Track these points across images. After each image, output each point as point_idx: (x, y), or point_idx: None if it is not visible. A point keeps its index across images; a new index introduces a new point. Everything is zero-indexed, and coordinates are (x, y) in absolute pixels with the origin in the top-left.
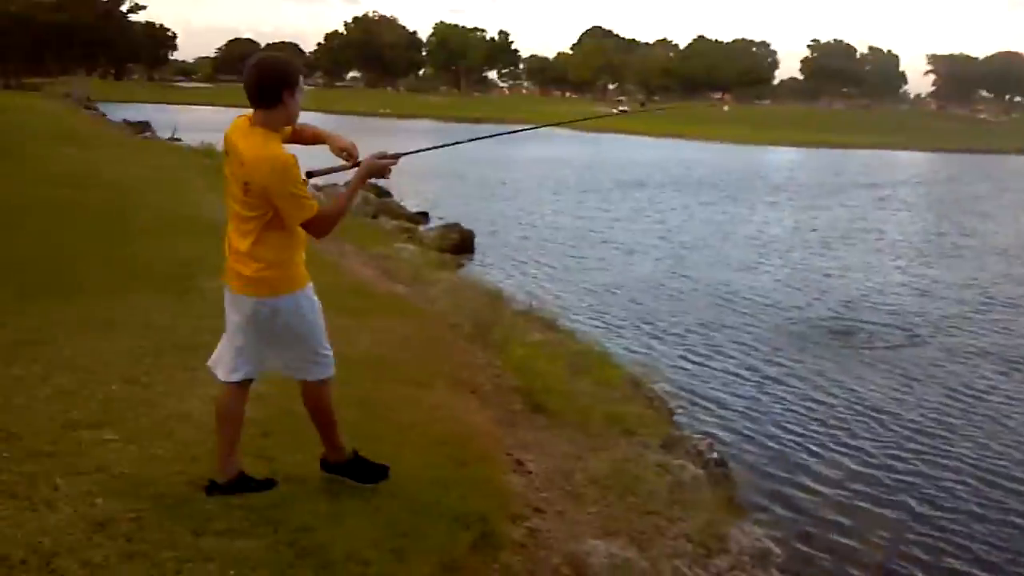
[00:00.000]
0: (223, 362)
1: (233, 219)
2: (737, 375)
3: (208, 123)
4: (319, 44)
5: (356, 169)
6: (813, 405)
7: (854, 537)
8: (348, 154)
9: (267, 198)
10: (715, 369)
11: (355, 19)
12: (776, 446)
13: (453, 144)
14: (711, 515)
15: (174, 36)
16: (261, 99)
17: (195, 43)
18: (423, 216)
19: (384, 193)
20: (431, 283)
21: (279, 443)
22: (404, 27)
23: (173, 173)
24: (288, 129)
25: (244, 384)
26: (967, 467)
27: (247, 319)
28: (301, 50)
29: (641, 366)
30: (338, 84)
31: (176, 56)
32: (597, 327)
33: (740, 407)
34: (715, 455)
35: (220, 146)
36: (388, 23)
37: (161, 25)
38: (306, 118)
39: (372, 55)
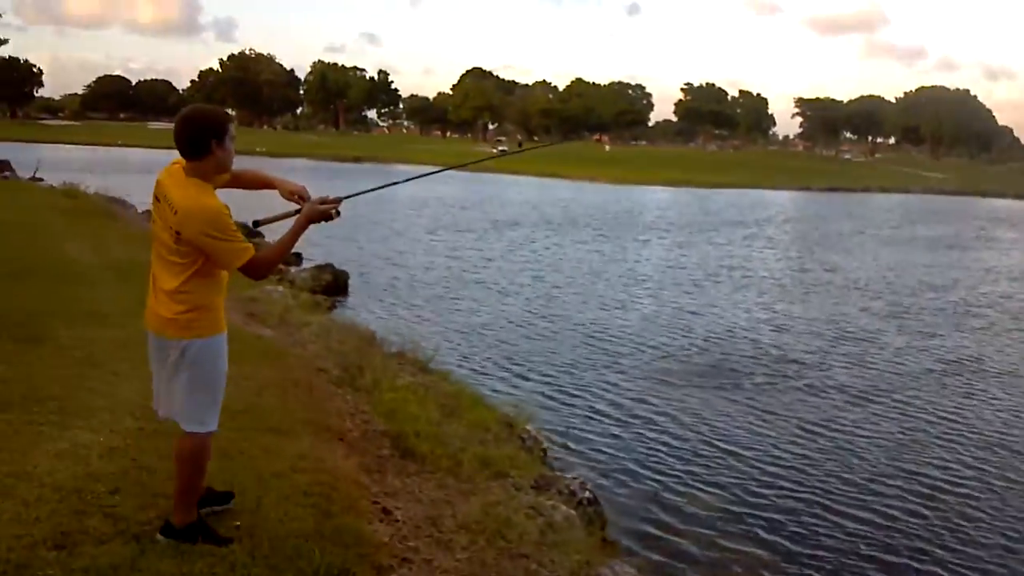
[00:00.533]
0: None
1: (159, 262)
2: (608, 414)
3: (74, 162)
4: (193, 81)
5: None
6: (681, 442)
7: (721, 571)
8: (299, 197)
9: (198, 247)
10: (587, 408)
11: (231, 56)
12: (646, 483)
13: (392, 184)
14: (583, 556)
15: (40, 72)
16: (191, 150)
17: (62, 80)
18: (295, 257)
19: (254, 233)
20: (300, 325)
21: (129, 500)
22: (281, 65)
23: (31, 215)
24: (226, 176)
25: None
26: (823, 499)
27: (163, 358)
28: (174, 87)
29: (514, 407)
30: None
31: (42, 93)
32: (470, 368)
33: (611, 445)
34: (587, 494)
35: (85, 186)
36: (265, 61)
37: (25, 60)
38: (174, 155)
39: (248, 93)
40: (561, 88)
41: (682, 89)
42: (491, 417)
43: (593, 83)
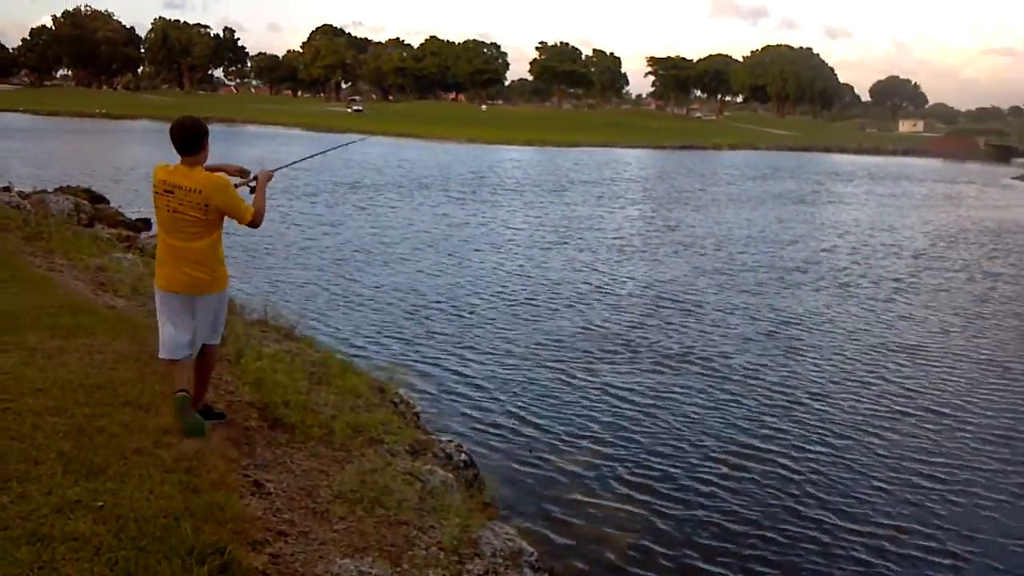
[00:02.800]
0: (184, 344)
1: (182, 237)
2: (478, 375)
3: None
4: (24, 40)
5: (256, 181)
6: (550, 402)
7: (600, 526)
8: (242, 173)
9: (223, 210)
10: (457, 371)
11: (64, 13)
12: (519, 443)
13: (326, 152)
14: (463, 520)
15: None
16: (192, 147)
17: None
18: (145, 223)
19: (99, 199)
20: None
21: None
22: (120, 22)
23: None
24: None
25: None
26: (669, 455)
27: (200, 309)
28: (3, 45)
29: (384, 371)
30: (47, 83)
31: None
32: (336, 335)
33: (482, 407)
34: (463, 457)
35: None
36: (102, 18)
37: None
38: (14, 119)
39: (85, 52)
40: (415, 46)
41: (536, 48)
42: (361, 383)
43: (448, 41)
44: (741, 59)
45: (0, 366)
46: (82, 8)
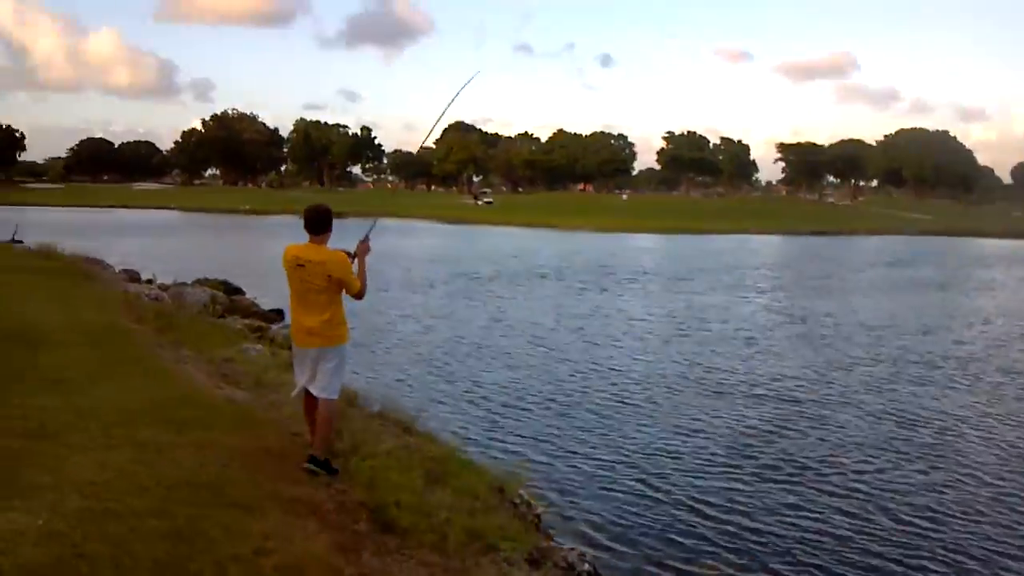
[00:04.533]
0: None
1: (307, 304)
2: (602, 477)
3: (56, 224)
4: (176, 142)
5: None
6: (679, 507)
7: None
8: (347, 254)
9: (341, 282)
10: (580, 470)
11: (213, 116)
12: (648, 551)
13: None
14: None
15: (21, 136)
16: (321, 228)
17: (44, 143)
18: (279, 314)
19: (235, 290)
20: (277, 386)
21: None
22: (264, 124)
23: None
24: None
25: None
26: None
27: (319, 361)
28: (157, 148)
29: (507, 471)
30: (196, 182)
31: (25, 157)
32: (454, 430)
33: (609, 509)
34: (586, 567)
35: (62, 247)
36: (247, 120)
37: (7, 126)
38: (164, 215)
39: (231, 152)
40: (544, 139)
41: (663, 137)
42: (481, 482)
43: (575, 134)
44: (874, 143)
45: (109, 462)
46: (229, 111)
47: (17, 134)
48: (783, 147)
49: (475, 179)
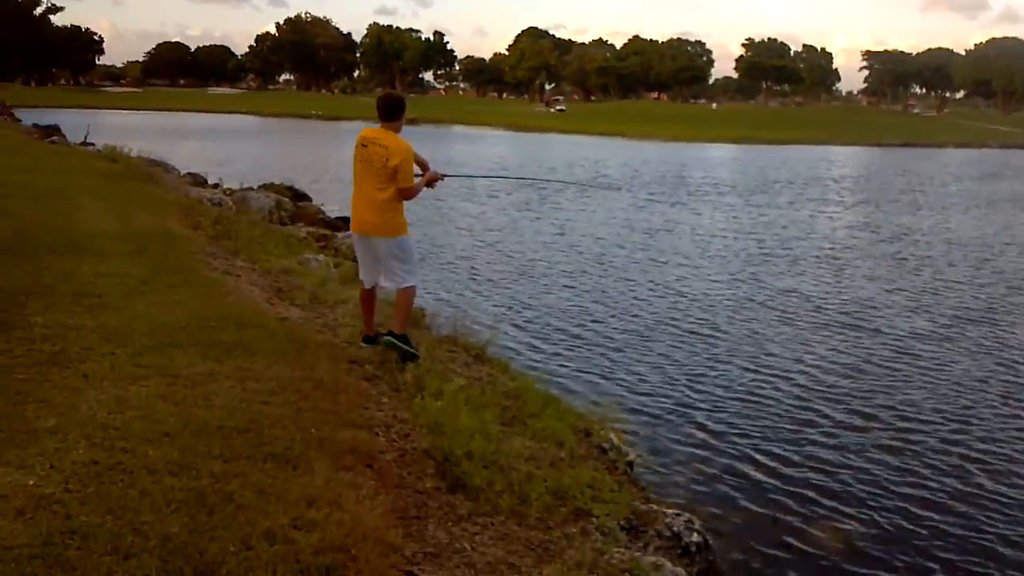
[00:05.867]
0: (366, 277)
1: (365, 188)
2: (698, 416)
3: (129, 127)
4: (251, 46)
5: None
6: (799, 452)
7: None
8: (424, 167)
9: (394, 170)
10: (666, 408)
11: (287, 20)
12: (763, 511)
13: (493, 177)
14: None
15: (100, 40)
16: (392, 115)
17: (122, 47)
18: (345, 222)
19: (302, 196)
20: (335, 303)
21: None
22: (337, 28)
23: (61, 179)
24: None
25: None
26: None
27: (380, 252)
28: (232, 52)
29: (592, 406)
30: (271, 87)
31: (103, 60)
32: (529, 358)
33: (712, 461)
34: (695, 537)
35: (128, 149)
36: (321, 24)
37: (87, 29)
38: (236, 120)
39: (305, 57)
40: (618, 46)
41: (743, 44)
42: (564, 424)
43: (651, 40)
44: (963, 52)
45: (129, 399)
46: (303, 15)
47: (96, 37)
48: (869, 55)
49: (547, 87)
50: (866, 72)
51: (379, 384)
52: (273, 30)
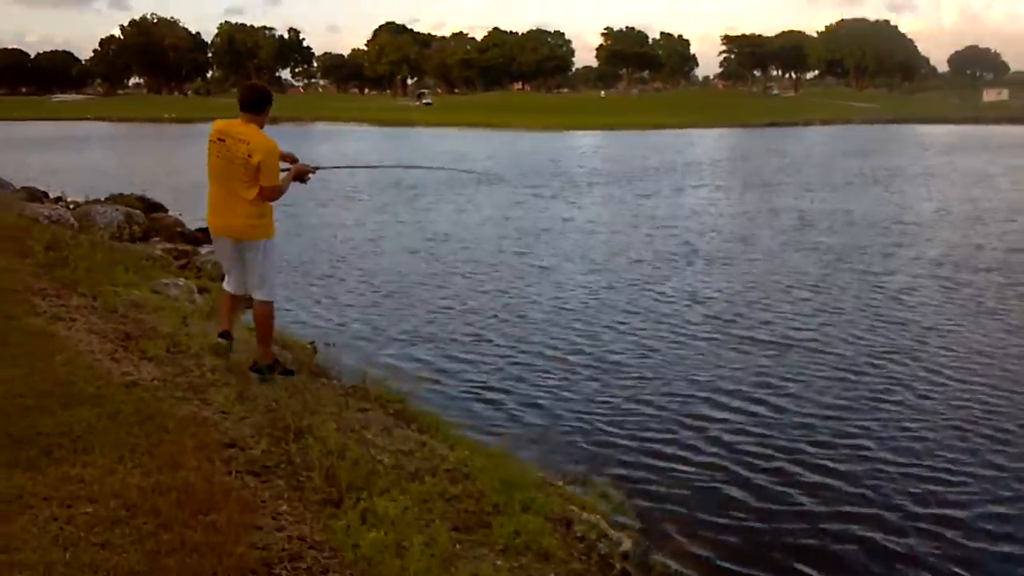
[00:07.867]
0: (233, 285)
1: (228, 186)
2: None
3: None
4: (95, 51)
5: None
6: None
7: None
8: (290, 159)
9: (256, 168)
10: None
11: (132, 22)
12: None
13: (367, 167)
14: None
15: None
16: (255, 108)
17: None
18: (206, 234)
19: (155, 207)
20: (201, 350)
21: None
22: (186, 29)
23: None
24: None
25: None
26: None
27: (245, 257)
28: (76, 58)
29: (549, 465)
30: (120, 92)
31: None
32: (454, 393)
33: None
34: None
35: None
36: (168, 25)
37: None
38: (83, 127)
39: (153, 59)
40: (479, 39)
41: (603, 34)
42: (539, 520)
43: (511, 32)
44: (815, 34)
45: None
46: (149, 17)
47: None
48: (728, 39)
49: (409, 81)
50: (722, 57)
51: (272, 480)
52: (118, 33)
